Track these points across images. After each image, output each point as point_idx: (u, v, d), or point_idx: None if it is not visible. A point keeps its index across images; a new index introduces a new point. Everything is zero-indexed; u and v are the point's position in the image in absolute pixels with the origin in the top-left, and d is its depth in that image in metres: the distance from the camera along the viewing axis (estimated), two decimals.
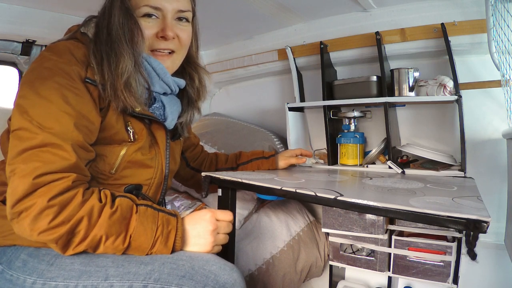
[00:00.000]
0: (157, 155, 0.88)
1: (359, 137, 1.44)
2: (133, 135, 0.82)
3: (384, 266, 1.19)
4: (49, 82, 0.70)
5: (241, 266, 1.23)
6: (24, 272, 0.72)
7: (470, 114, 1.28)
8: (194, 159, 1.21)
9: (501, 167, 1.25)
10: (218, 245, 0.80)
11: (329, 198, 0.76)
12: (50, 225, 0.64)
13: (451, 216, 0.61)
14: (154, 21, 0.83)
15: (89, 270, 0.69)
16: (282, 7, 1.45)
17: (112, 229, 0.68)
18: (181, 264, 0.70)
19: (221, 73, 1.95)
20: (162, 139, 0.89)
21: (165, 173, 0.91)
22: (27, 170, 0.64)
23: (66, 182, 0.66)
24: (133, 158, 0.82)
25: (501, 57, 1.08)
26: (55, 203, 0.64)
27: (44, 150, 0.66)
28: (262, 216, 1.42)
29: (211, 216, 0.78)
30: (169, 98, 0.90)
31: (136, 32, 0.79)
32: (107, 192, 0.72)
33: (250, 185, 0.92)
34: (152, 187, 0.89)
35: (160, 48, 0.85)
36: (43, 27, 1.38)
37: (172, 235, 0.73)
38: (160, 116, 0.88)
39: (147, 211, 0.73)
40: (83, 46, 0.78)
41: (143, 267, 0.69)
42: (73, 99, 0.71)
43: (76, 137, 0.70)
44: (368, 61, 1.50)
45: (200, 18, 0.94)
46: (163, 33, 0.83)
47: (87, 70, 0.75)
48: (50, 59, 0.73)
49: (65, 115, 0.69)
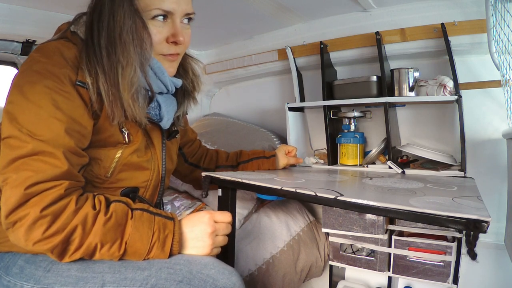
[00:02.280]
0: (153, 156, 0.86)
1: (359, 137, 1.44)
2: (128, 136, 0.79)
3: (384, 266, 1.19)
4: (38, 86, 0.68)
5: (241, 266, 1.23)
6: (21, 278, 0.71)
7: (470, 114, 1.28)
8: (192, 155, 1.20)
9: (501, 167, 1.25)
10: (217, 247, 0.79)
11: (329, 198, 0.76)
12: (45, 235, 0.63)
13: (451, 216, 0.61)
14: (163, 24, 0.79)
15: (85, 276, 0.69)
16: (282, 7, 1.45)
17: (107, 237, 0.67)
18: (178, 268, 0.69)
19: (221, 73, 1.95)
20: (158, 140, 0.87)
21: (162, 174, 0.89)
22: (19, 180, 0.63)
23: (58, 191, 0.65)
24: (128, 161, 0.80)
25: (501, 57, 1.08)
26: (48, 213, 0.63)
27: (35, 159, 0.65)
28: (262, 216, 1.42)
29: (209, 218, 0.77)
30: (164, 98, 0.88)
31: (145, 37, 0.75)
32: (101, 198, 0.70)
33: (250, 185, 0.92)
34: (149, 189, 0.87)
35: (170, 53, 0.82)
36: (44, 27, 1.37)
37: (169, 240, 0.71)
38: (155, 116, 0.86)
39: (143, 215, 0.71)
40: (73, 46, 0.74)
41: (140, 273, 0.68)
42: (63, 104, 0.69)
43: (68, 143, 0.68)
44: (368, 61, 1.50)
45: (200, 18, 0.93)
46: (175, 38, 0.79)
47: (78, 73, 0.72)
48: (39, 61, 0.70)
49: (55, 121, 0.67)
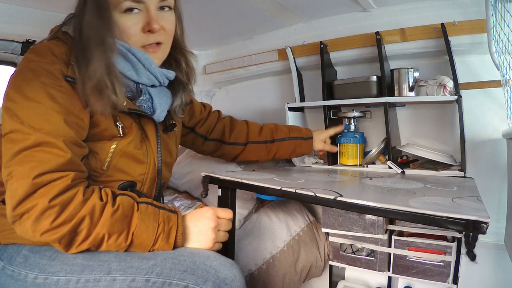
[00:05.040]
0: (149, 149, 0.87)
1: (359, 137, 1.44)
2: (123, 130, 0.81)
3: (384, 266, 1.19)
4: (34, 83, 0.71)
5: (241, 266, 1.23)
6: (25, 268, 0.72)
7: (470, 114, 1.27)
8: (210, 131, 1.19)
9: (501, 167, 1.25)
10: (218, 242, 0.81)
11: (328, 198, 0.76)
12: (53, 225, 0.64)
13: (450, 216, 0.61)
14: (137, 15, 0.79)
15: (91, 264, 0.70)
16: (282, 7, 1.45)
17: (114, 227, 0.69)
18: (182, 259, 0.71)
19: (221, 73, 1.95)
20: (152, 133, 0.88)
21: (158, 167, 0.90)
22: (24, 171, 0.65)
23: (65, 181, 0.67)
24: (124, 152, 0.82)
25: (501, 57, 1.08)
26: (56, 203, 0.65)
27: (39, 150, 0.67)
28: (262, 216, 1.42)
29: (212, 213, 0.79)
30: (157, 90, 0.88)
31: (108, 32, 0.76)
32: (108, 191, 0.72)
33: (250, 185, 0.92)
34: (146, 183, 0.88)
35: (149, 43, 0.83)
36: (44, 27, 1.35)
37: (174, 232, 0.74)
38: (148, 109, 0.87)
39: (148, 208, 0.73)
40: (64, 45, 0.78)
41: (146, 262, 0.70)
42: (60, 97, 0.72)
43: (68, 133, 0.70)
44: (368, 61, 1.50)
45: (201, 18, 0.93)
46: (149, 27, 0.80)
47: (68, 68, 0.75)
48: (33, 61, 0.73)
49: (54, 113, 0.70)
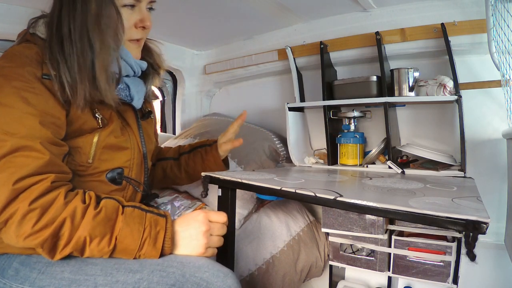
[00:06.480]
0: (131, 136, 0.88)
1: (359, 137, 1.44)
2: (102, 121, 0.82)
3: (384, 266, 1.19)
4: (6, 88, 0.70)
5: (241, 266, 1.23)
6: (16, 281, 0.72)
7: (470, 114, 1.27)
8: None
9: (501, 167, 1.25)
10: (211, 247, 0.78)
11: (328, 198, 0.76)
12: (34, 229, 0.64)
13: (450, 217, 0.61)
14: (132, 12, 0.84)
15: (78, 278, 0.69)
16: (282, 7, 1.45)
17: (96, 230, 0.67)
18: (171, 271, 0.69)
19: (221, 73, 1.95)
20: (133, 120, 0.90)
21: (143, 152, 0.91)
22: (4, 178, 0.64)
23: (45, 184, 0.66)
24: (107, 143, 0.82)
25: (501, 57, 1.08)
26: (36, 206, 0.64)
27: (17, 155, 0.66)
28: (262, 216, 1.42)
29: (203, 217, 0.77)
30: (132, 79, 0.91)
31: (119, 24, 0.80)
32: (92, 194, 0.71)
33: (250, 185, 0.91)
34: (133, 168, 0.89)
35: (137, 38, 0.87)
36: None
37: (161, 236, 0.71)
38: (126, 97, 0.88)
39: (134, 212, 0.72)
40: (34, 46, 0.78)
41: (132, 276, 0.68)
42: (33, 99, 0.71)
43: (45, 134, 0.70)
44: (368, 61, 1.50)
45: (201, 18, 0.94)
46: (143, 23, 0.85)
47: (43, 67, 0.74)
48: (3, 67, 0.73)
49: (28, 116, 0.70)
